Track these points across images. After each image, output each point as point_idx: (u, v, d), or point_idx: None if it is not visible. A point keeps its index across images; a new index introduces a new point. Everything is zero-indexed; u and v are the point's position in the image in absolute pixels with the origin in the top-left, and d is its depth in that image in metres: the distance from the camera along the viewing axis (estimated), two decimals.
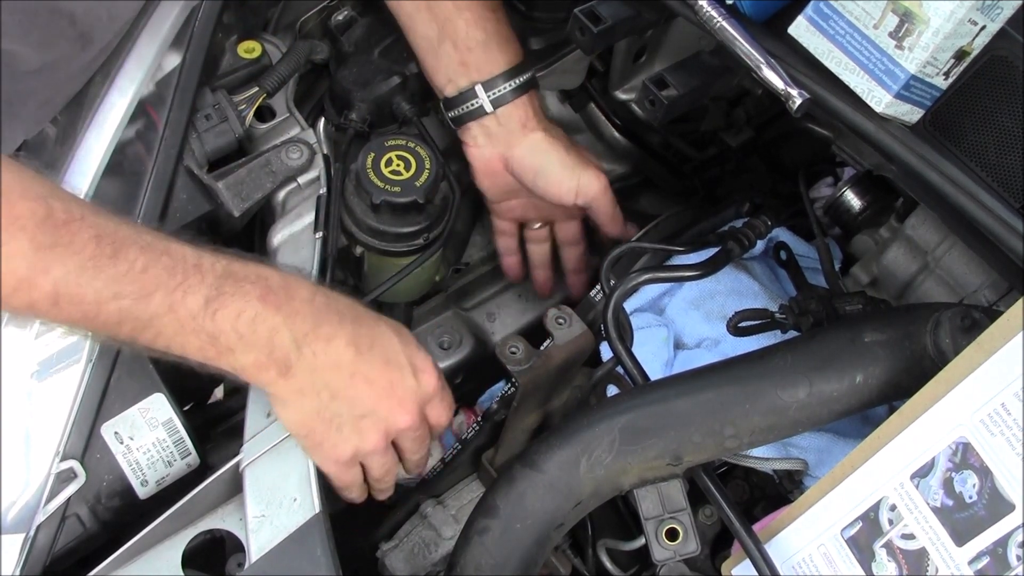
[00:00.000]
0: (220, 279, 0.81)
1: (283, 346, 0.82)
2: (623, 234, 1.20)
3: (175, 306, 0.79)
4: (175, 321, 0.80)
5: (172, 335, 0.81)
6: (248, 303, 0.81)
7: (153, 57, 1.05)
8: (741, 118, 1.33)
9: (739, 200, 1.23)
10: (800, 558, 0.84)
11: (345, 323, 0.86)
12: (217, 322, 0.80)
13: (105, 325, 0.80)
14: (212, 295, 0.80)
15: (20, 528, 0.87)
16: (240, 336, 0.81)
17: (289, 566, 0.84)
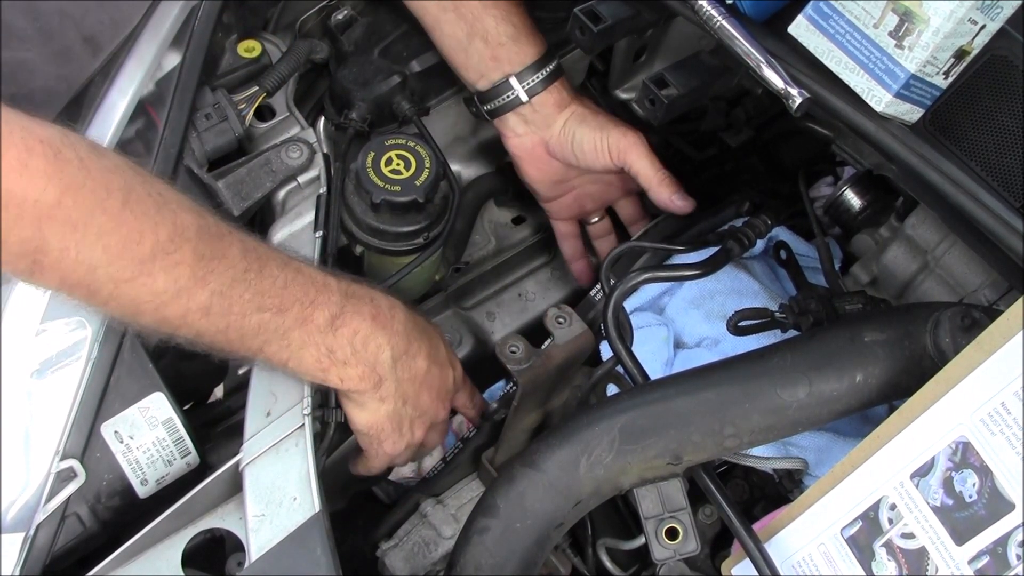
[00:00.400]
0: (343, 298, 0.89)
1: (384, 362, 0.92)
2: (675, 203, 1.15)
3: (306, 321, 0.87)
4: (304, 334, 0.87)
5: (297, 347, 0.87)
6: (363, 322, 0.90)
7: (153, 57, 1.05)
8: (741, 118, 1.33)
9: (739, 200, 1.23)
10: (800, 557, 0.84)
11: (423, 340, 0.97)
12: (337, 337, 0.88)
13: (242, 337, 0.85)
14: (336, 312, 0.88)
15: (20, 527, 0.87)
16: (354, 351, 0.90)
17: (289, 565, 0.84)
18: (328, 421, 1.00)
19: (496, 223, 1.37)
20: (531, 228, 1.37)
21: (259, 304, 0.84)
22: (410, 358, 0.95)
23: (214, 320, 0.83)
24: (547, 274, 1.37)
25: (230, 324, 0.83)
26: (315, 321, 0.87)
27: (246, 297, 0.83)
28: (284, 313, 0.85)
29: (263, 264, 0.85)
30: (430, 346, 0.98)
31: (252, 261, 0.84)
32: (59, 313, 0.92)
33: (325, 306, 0.88)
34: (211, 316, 0.82)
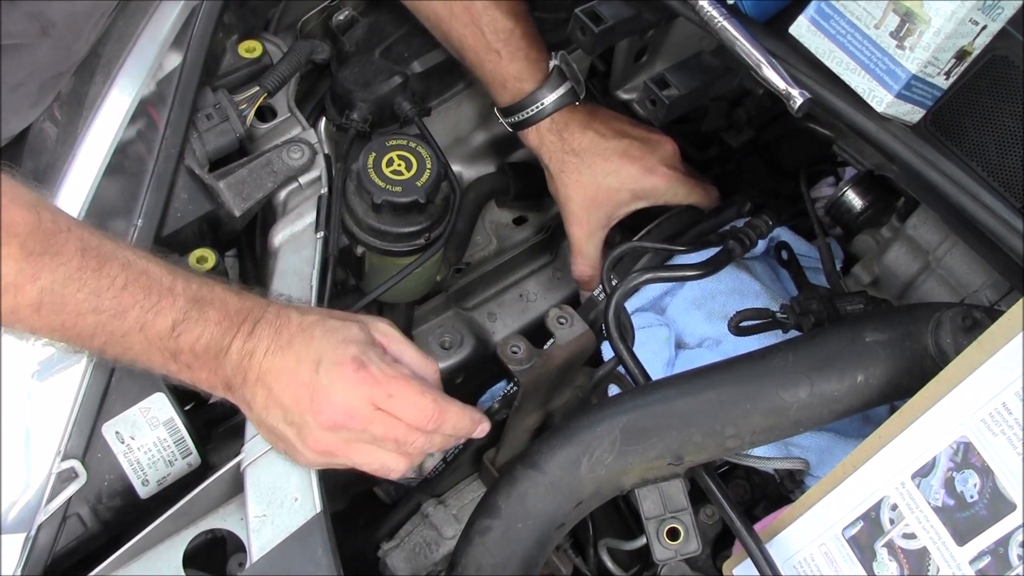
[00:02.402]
0: (189, 304, 0.85)
1: (229, 366, 0.87)
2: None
3: (146, 326, 0.84)
4: (144, 340, 0.84)
5: (139, 351, 0.85)
6: (207, 328, 0.86)
7: (154, 57, 1.05)
8: (742, 118, 1.33)
9: (740, 200, 1.23)
10: (801, 557, 0.84)
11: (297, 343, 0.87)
12: (179, 343, 0.85)
13: (79, 336, 0.84)
14: (179, 319, 0.85)
15: (21, 528, 0.87)
16: (196, 356, 0.86)
17: (290, 566, 0.84)
18: None
19: (497, 224, 1.37)
20: (532, 228, 1.37)
21: (94, 305, 0.82)
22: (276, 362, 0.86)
23: (46, 317, 0.81)
24: (548, 274, 1.37)
25: (64, 323, 0.82)
26: (156, 327, 0.84)
27: (79, 296, 0.81)
28: (122, 316, 0.83)
29: (102, 263, 0.82)
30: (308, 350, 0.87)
31: (90, 259, 0.81)
32: None
33: (167, 312, 0.84)
34: (42, 313, 0.81)
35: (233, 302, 0.87)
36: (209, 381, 0.88)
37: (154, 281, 0.84)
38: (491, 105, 1.20)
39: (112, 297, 0.82)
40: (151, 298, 0.84)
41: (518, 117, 1.15)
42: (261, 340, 0.86)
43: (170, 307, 0.84)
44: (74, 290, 0.81)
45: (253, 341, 0.86)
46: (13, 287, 0.79)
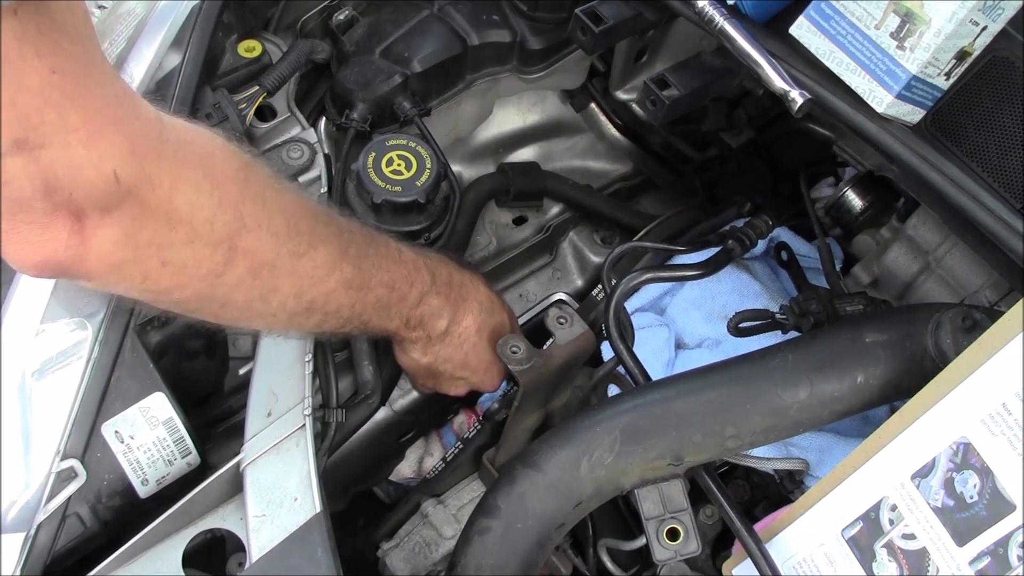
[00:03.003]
0: (431, 278, 0.97)
1: (439, 329, 1.00)
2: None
3: (403, 297, 0.95)
4: (399, 308, 0.95)
5: (387, 319, 0.95)
6: (438, 299, 0.98)
7: (153, 56, 1.05)
8: (742, 119, 1.33)
9: (740, 200, 1.23)
10: (801, 558, 0.84)
11: (480, 311, 1.03)
12: (417, 311, 0.97)
13: (361, 314, 0.91)
14: (425, 291, 0.96)
15: (21, 527, 0.87)
16: (421, 323, 0.98)
17: (290, 566, 0.84)
18: (329, 421, 1.00)
19: (497, 223, 1.37)
20: (532, 229, 1.37)
21: (379, 279, 0.90)
22: (462, 329, 1.01)
23: (352, 295, 0.88)
24: (548, 274, 1.37)
25: (357, 300, 0.89)
26: (409, 298, 0.95)
27: (372, 271, 0.90)
28: (392, 287, 0.92)
29: (375, 240, 0.92)
30: (480, 310, 1.03)
31: (368, 237, 0.91)
32: (59, 313, 0.92)
33: (419, 284, 0.95)
34: (351, 290, 0.88)
35: (454, 274, 1.00)
36: (410, 337, 1.00)
37: (406, 255, 0.95)
38: (491, 105, 1.20)
39: (389, 272, 0.92)
40: (409, 271, 0.94)
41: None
42: (467, 316, 1.01)
43: (420, 281, 0.95)
44: (368, 265, 0.89)
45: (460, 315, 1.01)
46: (337, 265, 0.86)
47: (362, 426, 1.07)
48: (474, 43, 1.23)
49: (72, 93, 0.63)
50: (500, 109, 1.39)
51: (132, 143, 0.68)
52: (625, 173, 1.45)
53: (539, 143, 1.44)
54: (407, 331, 0.98)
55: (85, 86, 0.65)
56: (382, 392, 1.07)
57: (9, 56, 0.59)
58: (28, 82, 0.61)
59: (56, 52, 0.62)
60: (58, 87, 0.62)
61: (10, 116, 0.61)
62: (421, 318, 0.97)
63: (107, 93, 0.67)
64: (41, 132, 0.63)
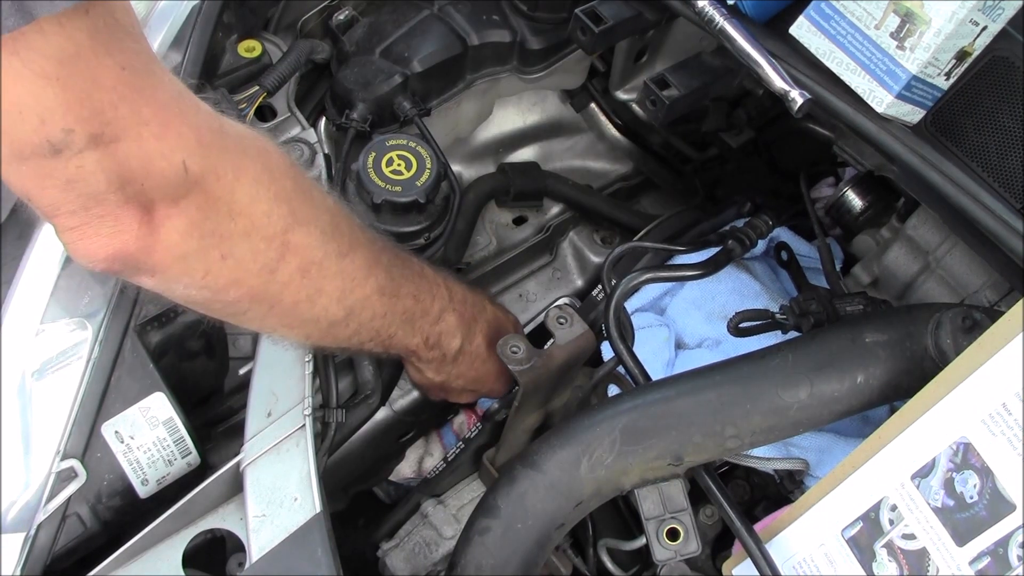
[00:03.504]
0: (448, 293, 0.99)
1: (453, 349, 1.01)
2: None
3: (426, 311, 0.96)
4: (423, 323, 0.96)
5: (412, 334, 0.96)
6: (453, 316, 0.99)
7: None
8: (742, 118, 1.33)
9: (740, 200, 1.23)
10: (801, 558, 0.84)
11: (489, 330, 1.05)
12: (436, 327, 0.98)
13: (390, 324, 0.93)
14: (444, 306, 0.98)
15: (21, 527, 0.87)
16: (438, 342, 1.00)
17: (290, 566, 0.84)
18: (329, 421, 1.00)
19: (497, 224, 1.37)
20: (532, 229, 1.37)
21: (407, 290, 0.92)
22: (474, 348, 1.03)
23: (384, 302, 0.90)
24: (548, 274, 1.37)
25: (389, 309, 0.91)
26: (431, 313, 0.96)
27: (401, 281, 0.91)
28: (418, 299, 0.94)
29: (400, 254, 0.94)
30: (489, 325, 1.06)
31: (394, 248, 0.93)
32: (59, 313, 0.92)
33: (439, 299, 0.97)
34: (384, 297, 0.90)
35: (468, 292, 1.02)
36: (427, 357, 1.01)
37: (428, 271, 0.97)
38: (491, 105, 1.20)
39: (415, 284, 0.94)
40: (431, 286, 0.96)
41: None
42: (478, 335, 1.03)
43: (440, 297, 0.97)
44: (396, 274, 0.91)
45: (473, 334, 1.03)
46: (372, 271, 0.88)
47: (362, 426, 1.07)
48: (474, 43, 1.23)
49: (141, 88, 0.66)
50: (500, 109, 1.38)
51: (198, 135, 0.70)
52: (625, 173, 1.45)
53: (539, 143, 1.44)
54: (425, 350, 0.99)
55: (152, 82, 0.67)
56: (382, 392, 1.07)
57: (84, 55, 0.62)
58: (102, 79, 0.63)
59: (123, 49, 0.64)
60: (129, 83, 0.65)
61: (87, 113, 0.63)
62: (439, 336, 0.99)
63: (171, 88, 0.69)
64: (116, 126, 0.65)
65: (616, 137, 1.45)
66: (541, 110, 1.44)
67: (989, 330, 0.71)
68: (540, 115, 1.44)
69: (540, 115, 1.44)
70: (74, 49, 0.61)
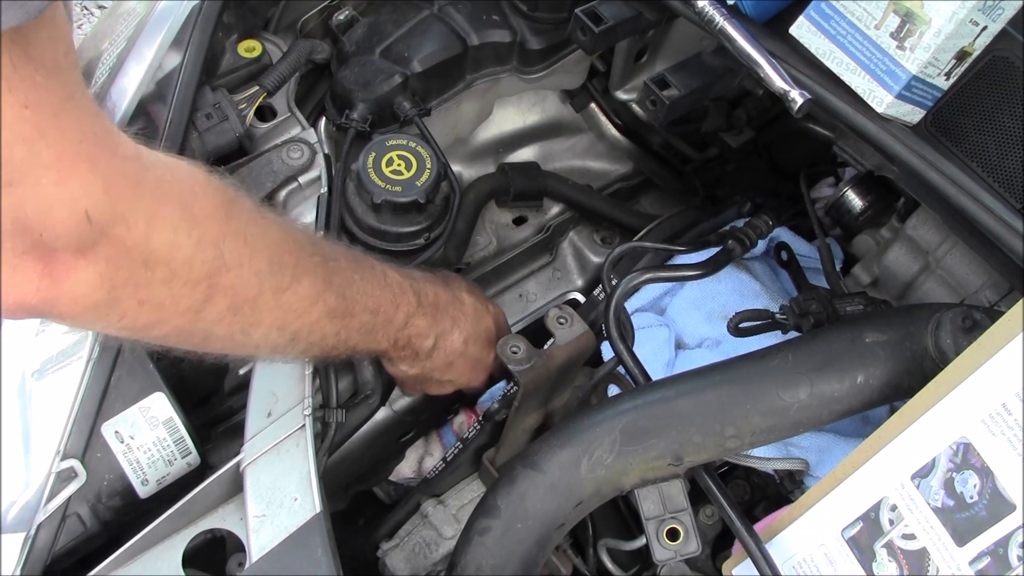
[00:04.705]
0: (416, 299, 0.97)
1: (426, 348, 1.01)
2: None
3: (390, 321, 0.94)
4: (386, 331, 0.94)
5: (374, 341, 0.94)
6: (424, 319, 0.98)
7: (153, 56, 1.05)
8: (742, 119, 1.33)
9: (740, 200, 1.23)
10: (801, 558, 0.84)
11: (466, 324, 1.04)
12: (404, 331, 0.97)
13: (347, 340, 0.91)
14: (411, 312, 0.96)
15: (21, 527, 0.87)
16: (409, 343, 0.98)
17: (290, 566, 0.84)
18: (329, 421, 1.00)
19: (497, 224, 1.37)
20: (532, 229, 1.37)
21: (364, 304, 0.90)
22: (449, 344, 1.02)
23: (336, 323, 0.87)
24: (548, 274, 1.37)
25: (342, 327, 0.88)
26: (395, 321, 0.95)
27: (358, 297, 0.89)
28: (377, 312, 0.92)
29: (361, 266, 0.91)
30: (472, 331, 1.04)
31: (353, 263, 0.90)
32: None
33: (404, 307, 0.95)
34: (335, 319, 0.87)
35: (440, 295, 1.00)
36: (399, 355, 1.00)
37: (392, 279, 0.95)
38: (491, 105, 1.20)
39: (375, 297, 0.91)
40: (395, 295, 0.94)
41: None
42: (453, 331, 1.02)
43: (406, 304, 0.95)
44: (353, 292, 0.88)
45: (447, 332, 1.01)
46: (321, 295, 0.84)
47: (362, 426, 1.07)
48: (474, 43, 1.23)
49: (44, 128, 0.61)
50: (500, 109, 1.38)
51: (107, 181, 0.65)
52: (625, 173, 1.45)
53: (539, 143, 1.44)
54: (395, 350, 0.98)
55: (59, 121, 0.62)
56: (382, 392, 1.07)
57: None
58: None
59: (30, 86, 0.59)
60: (29, 122, 0.60)
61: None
62: (408, 338, 0.97)
63: (83, 128, 0.64)
64: (10, 169, 0.60)
65: (616, 137, 1.45)
66: (541, 110, 1.44)
67: (989, 330, 0.71)
68: (540, 115, 1.44)
69: (540, 115, 1.44)
70: None
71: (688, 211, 1.26)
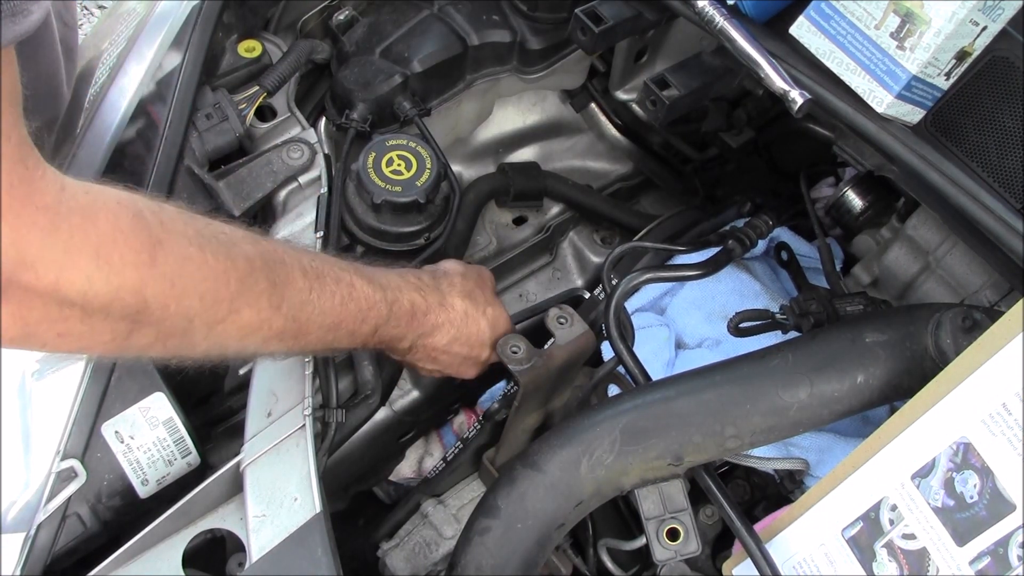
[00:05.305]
0: (387, 308, 0.95)
1: (402, 351, 1.01)
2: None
3: (356, 332, 0.93)
4: (349, 340, 0.93)
5: (339, 347, 0.94)
6: (397, 328, 0.97)
7: (153, 56, 1.05)
8: (742, 119, 1.33)
9: (740, 200, 1.23)
10: (801, 558, 0.84)
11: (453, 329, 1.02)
12: (377, 338, 0.96)
13: (304, 352, 0.93)
14: (380, 323, 0.95)
15: (21, 527, 0.87)
16: (383, 343, 0.98)
17: (290, 566, 0.84)
18: (329, 421, 1.00)
19: (497, 224, 1.37)
20: (532, 229, 1.37)
21: (320, 323, 0.88)
22: (430, 344, 1.01)
23: (287, 343, 0.86)
24: (548, 274, 1.37)
25: (296, 345, 0.88)
26: (362, 332, 0.93)
27: (312, 318, 0.87)
28: (337, 328, 0.90)
29: (322, 283, 0.89)
30: (455, 331, 1.03)
31: (313, 281, 0.88)
32: None
33: (373, 319, 0.94)
34: (285, 340, 0.86)
35: (418, 303, 0.98)
36: (378, 348, 1.01)
37: (360, 292, 0.93)
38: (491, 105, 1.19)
39: (333, 315, 0.89)
40: (361, 310, 0.92)
41: None
42: (434, 334, 1.01)
43: (375, 316, 0.94)
44: (308, 313, 0.87)
45: (424, 336, 1.00)
46: (267, 321, 0.83)
47: (362, 426, 1.07)
48: (474, 43, 1.23)
49: None
50: (500, 109, 1.39)
51: (15, 232, 0.64)
52: (625, 173, 1.45)
53: (539, 143, 1.44)
54: (370, 346, 0.98)
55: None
56: (382, 392, 1.07)
57: None
58: None
59: None
60: None
61: None
62: (379, 342, 0.97)
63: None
64: None
65: (616, 137, 1.45)
66: (541, 110, 1.44)
67: (989, 330, 0.71)
68: (540, 115, 1.44)
69: (540, 115, 1.44)
70: None
71: (688, 211, 1.26)
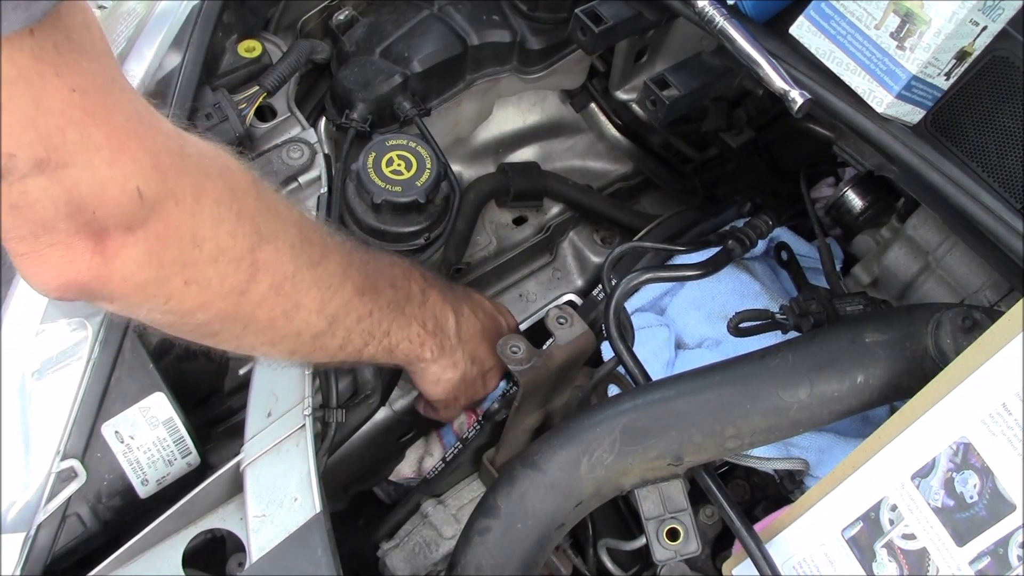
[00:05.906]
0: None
1: (451, 328, 1.03)
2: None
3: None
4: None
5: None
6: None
7: (153, 56, 1.05)
8: (742, 119, 1.33)
9: (740, 200, 1.23)
10: (801, 558, 0.84)
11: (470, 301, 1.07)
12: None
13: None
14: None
15: (21, 527, 0.87)
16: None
17: (290, 566, 0.84)
18: (329, 421, 1.00)
19: (497, 224, 1.37)
20: (532, 229, 1.37)
21: (385, 279, 0.93)
22: (466, 319, 1.04)
23: (367, 301, 0.90)
24: (548, 274, 1.37)
25: (373, 306, 0.91)
26: (413, 296, 0.97)
27: (377, 275, 0.92)
28: (396, 287, 0.95)
29: (368, 247, 0.95)
30: (475, 304, 1.08)
31: (363, 244, 0.94)
32: (59, 313, 0.92)
33: (416, 281, 0.98)
34: (364, 296, 0.90)
35: (429, 320, 1.00)
36: (430, 346, 1.01)
37: (395, 259, 0.98)
38: (491, 105, 1.19)
39: (388, 273, 0.94)
40: (404, 271, 0.97)
41: None
42: (469, 314, 1.05)
43: (416, 278, 0.99)
44: (373, 269, 0.92)
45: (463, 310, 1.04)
46: (344, 273, 0.87)
47: (362, 426, 1.07)
48: (474, 43, 1.23)
49: (93, 111, 0.63)
50: (500, 109, 1.39)
51: (155, 159, 0.67)
52: (625, 173, 1.45)
53: (539, 143, 1.44)
54: (427, 336, 0.99)
55: (106, 104, 0.64)
56: (382, 392, 1.07)
57: (28, 77, 0.59)
58: (48, 102, 0.61)
59: (76, 71, 0.61)
60: (79, 106, 0.62)
61: (31, 137, 0.60)
62: (434, 316, 0.99)
63: (128, 110, 0.66)
64: (63, 152, 0.62)
65: (616, 137, 1.45)
66: (541, 110, 1.44)
67: (989, 330, 0.71)
68: (540, 115, 1.44)
69: (540, 115, 1.44)
70: (15, 72, 0.58)
71: (688, 211, 1.26)
